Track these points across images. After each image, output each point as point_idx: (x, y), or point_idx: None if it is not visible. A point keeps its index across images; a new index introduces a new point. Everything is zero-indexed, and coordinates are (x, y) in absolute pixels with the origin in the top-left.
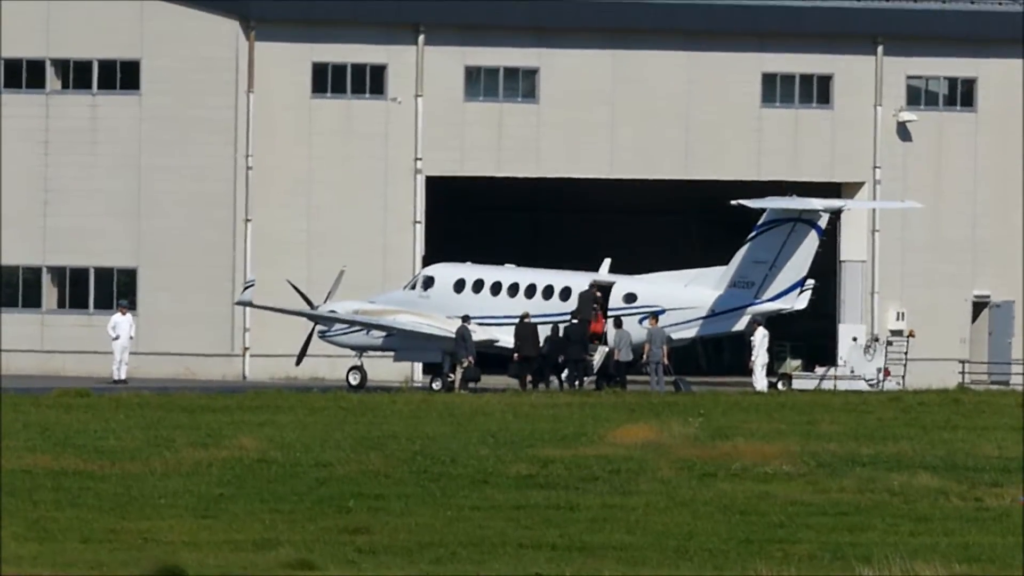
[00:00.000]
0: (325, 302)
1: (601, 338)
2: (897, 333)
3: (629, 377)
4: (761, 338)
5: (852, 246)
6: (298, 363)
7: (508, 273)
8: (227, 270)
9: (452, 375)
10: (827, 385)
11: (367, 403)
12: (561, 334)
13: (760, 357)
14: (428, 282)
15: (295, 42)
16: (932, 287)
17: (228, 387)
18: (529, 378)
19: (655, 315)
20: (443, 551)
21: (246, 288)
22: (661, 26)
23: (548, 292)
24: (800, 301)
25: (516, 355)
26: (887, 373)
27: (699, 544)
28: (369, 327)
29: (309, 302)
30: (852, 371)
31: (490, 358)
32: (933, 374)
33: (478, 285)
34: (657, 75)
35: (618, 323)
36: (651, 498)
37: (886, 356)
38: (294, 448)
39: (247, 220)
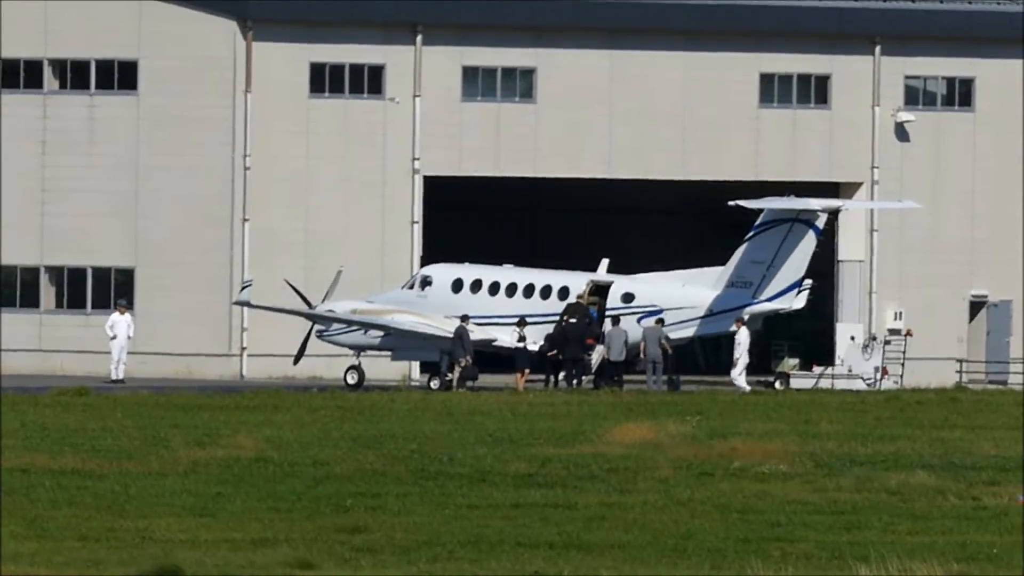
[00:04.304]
0: (323, 302)
1: (599, 338)
2: (895, 332)
3: (627, 376)
4: (744, 338)
5: (850, 246)
6: (296, 362)
7: (506, 273)
8: (225, 270)
9: (450, 374)
10: (825, 384)
11: (365, 402)
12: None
13: (743, 357)
14: (426, 282)
15: (293, 42)
16: (930, 287)
17: (226, 386)
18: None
19: (654, 317)
20: (441, 550)
21: (244, 288)
22: (659, 26)
23: (546, 292)
24: (798, 301)
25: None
26: (885, 372)
27: (697, 543)
28: (367, 326)
29: (307, 302)
30: (850, 370)
31: (488, 357)
32: (931, 373)
33: (476, 285)
34: (655, 75)
35: (615, 321)
36: (649, 497)
37: (884, 355)
38: (292, 447)
39: (245, 220)
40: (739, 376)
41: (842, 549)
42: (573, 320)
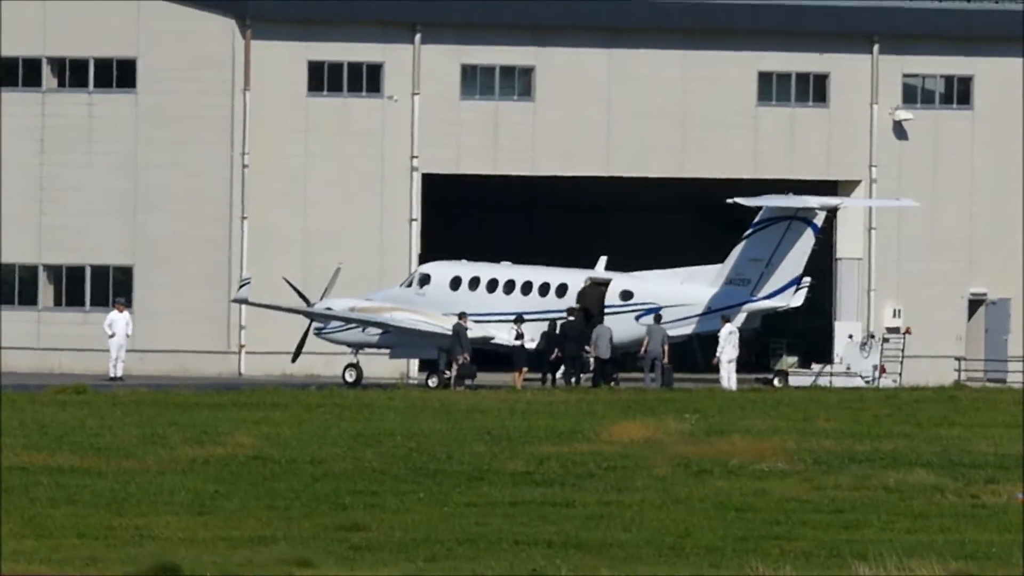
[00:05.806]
0: (321, 299)
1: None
2: (893, 330)
3: (623, 374)
4: (727, 334)
5: (848, 244)
6: (294, 360)
7: (504, 270)
8: (223, 267)
9: (448, 372)
10: (823, 382)
11: (363, 400)
12: (558, 330)
13: (726, 353)
14: (424, 279)
15: (292, 40)
16: (928, 284)
17: (224, 384)
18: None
19: (653, 314)
20: (439, 548)
21: (242, 286)
22: (657, 24)
23: (544, 289)
24: (796, 298)
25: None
26: (883, 370)
27: (695, 541)
28: (365, 324)
29: (305, 299)
30: (848, 368)
31: (486, 355)
32: (929, 371)
33: (474, 282)
34: (653, 73)
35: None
36: (647, 495)
37: (882, 353)
38: (290, 445)
39: (243, 218)
40: (727, 378)
41: (841, 547)
42: (572, 318)
